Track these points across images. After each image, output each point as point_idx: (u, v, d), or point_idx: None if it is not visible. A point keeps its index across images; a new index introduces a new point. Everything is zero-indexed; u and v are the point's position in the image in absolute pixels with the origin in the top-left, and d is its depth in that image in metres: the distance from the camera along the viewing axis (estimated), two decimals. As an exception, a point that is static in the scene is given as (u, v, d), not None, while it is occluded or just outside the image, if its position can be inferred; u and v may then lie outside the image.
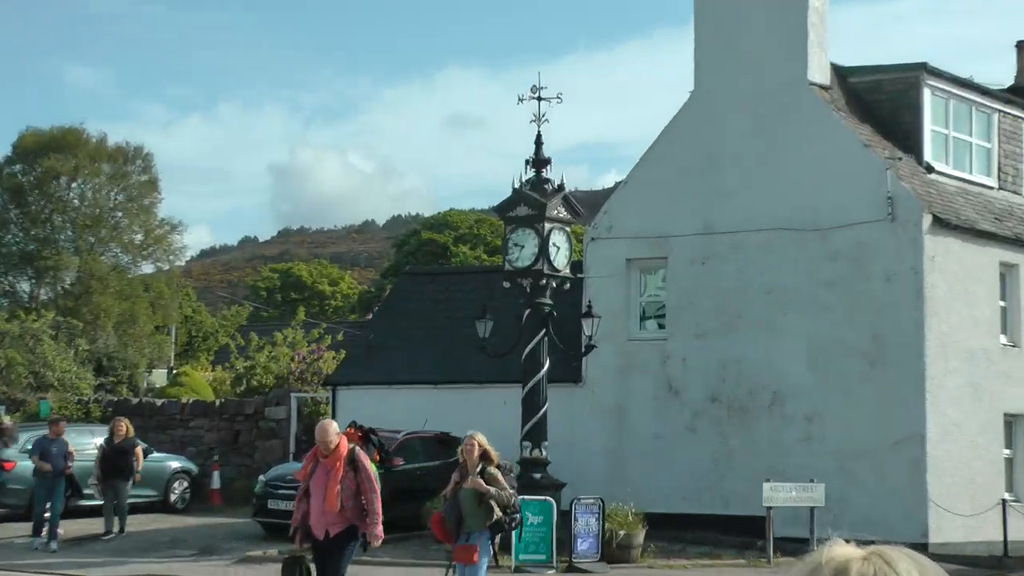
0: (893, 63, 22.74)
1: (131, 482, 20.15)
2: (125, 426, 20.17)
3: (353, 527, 10.87)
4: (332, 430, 10.94)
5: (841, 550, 1.98)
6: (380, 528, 10.83)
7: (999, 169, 23.33)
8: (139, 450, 20.23)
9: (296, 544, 11.15)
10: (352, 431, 12.54)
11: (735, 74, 21.37)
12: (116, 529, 19.98)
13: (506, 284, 19.19)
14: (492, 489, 11.14)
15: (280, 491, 19.68)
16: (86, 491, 20.79)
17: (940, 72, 22.29)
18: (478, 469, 11.28)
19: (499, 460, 11.70)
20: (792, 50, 21.00)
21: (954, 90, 22.55)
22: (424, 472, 20.25)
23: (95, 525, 20.66)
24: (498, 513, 11.17)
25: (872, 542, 2.01)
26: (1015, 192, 23.56)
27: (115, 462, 19.76)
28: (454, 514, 11.28)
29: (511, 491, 11.42)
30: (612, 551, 17.28)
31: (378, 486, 11.10)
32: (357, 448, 11.09)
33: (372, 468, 11.54)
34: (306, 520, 10.88)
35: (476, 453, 11.34)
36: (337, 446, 10.84)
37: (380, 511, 10.85)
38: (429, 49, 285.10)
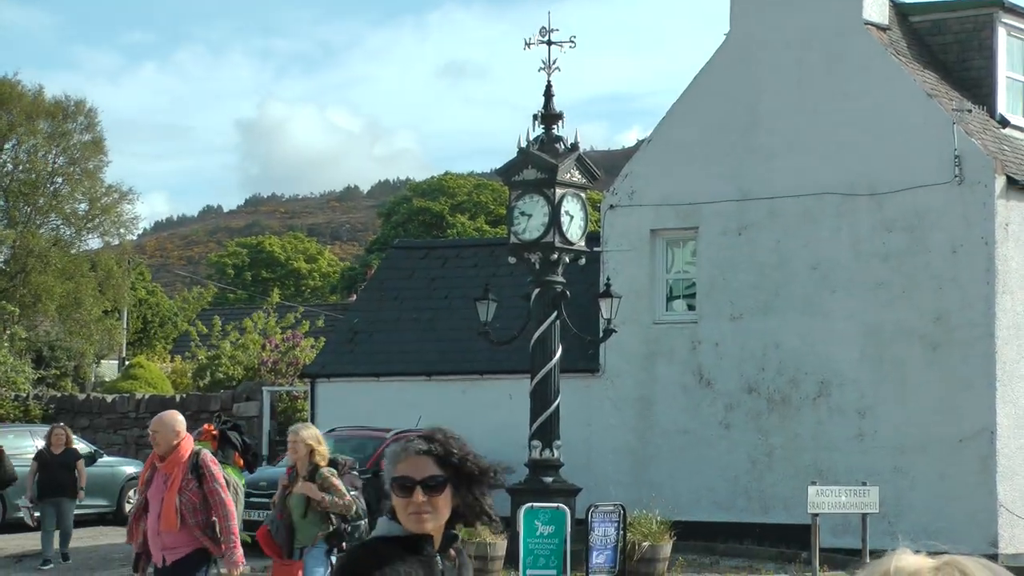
0: (963, -3, 23.01)
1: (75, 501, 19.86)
2: (66, 434, 19.91)
3: (201, 550, 10.04)
4: (170, 425, 10.04)
5: (911, 559, 2.03)
6: (240, 554, 10.03)
7: (1084, 122, 23.62)
8: (81, 463, 19.84)
9: (139, 574, 10.57)
10: (209, 427, 12.52)
11: (777, 13, 21.66)
12: (57, 551, 19.71)
13: (511, 259, 19.56)
14: (326, 497, 10.94)
15: (251, 499, 20.12)
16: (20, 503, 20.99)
17: (1018, 8, 22.52)
18: (307, 471, 11.06)
19: (340, 458, 11.48)
20: (844, -17, 21.28)
21: (1034, 30, 22.82)
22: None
23: (34, 540, 21.02)
24: (334, 522, 11.04)
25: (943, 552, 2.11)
26: (1103, 149, 23.87)
27: (57, 477, 19.30)
28: (284, 525, 11.13)
29: (352, 495, 11.13)
30: (634, 565, 17.68)
31: (233, 500, 10.47)
32: (203, 451, 10.30)
33: (233, 476, 11.23)
34: (147, 542, 10.22)
35: (302, 452, 11.05)
36: (176, 447, 9.97)
37: (236, 532, 10.12)
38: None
